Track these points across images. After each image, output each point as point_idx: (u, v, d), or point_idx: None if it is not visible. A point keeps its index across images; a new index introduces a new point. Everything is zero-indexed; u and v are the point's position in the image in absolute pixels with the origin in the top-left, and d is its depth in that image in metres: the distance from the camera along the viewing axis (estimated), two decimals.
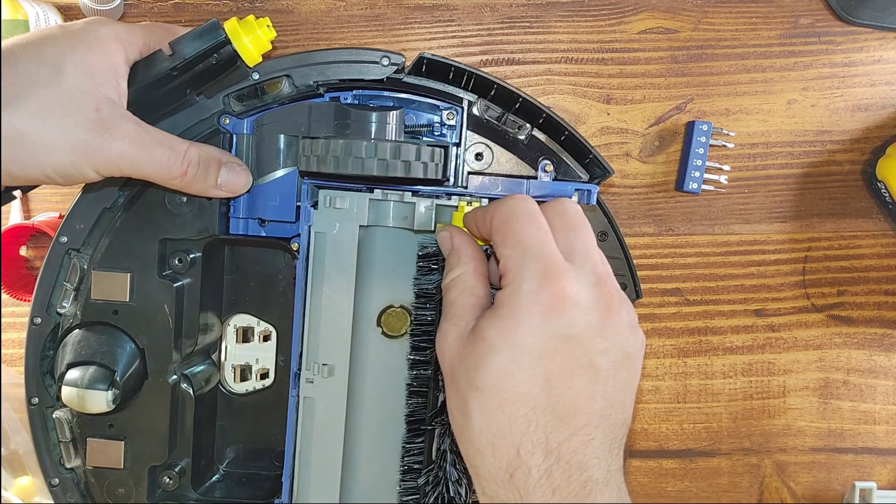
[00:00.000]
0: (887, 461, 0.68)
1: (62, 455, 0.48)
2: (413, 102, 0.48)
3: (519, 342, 0.37)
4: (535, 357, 0.37)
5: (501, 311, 0.38)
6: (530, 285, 0.37)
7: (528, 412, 0.36)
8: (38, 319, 0.48)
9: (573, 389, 0.37)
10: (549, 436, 0.36)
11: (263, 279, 0.53)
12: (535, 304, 0.37)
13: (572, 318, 0.37)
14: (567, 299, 0.37)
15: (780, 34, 0.65)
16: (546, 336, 0.37)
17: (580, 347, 0.37)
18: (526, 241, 0.38)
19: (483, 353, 0.37)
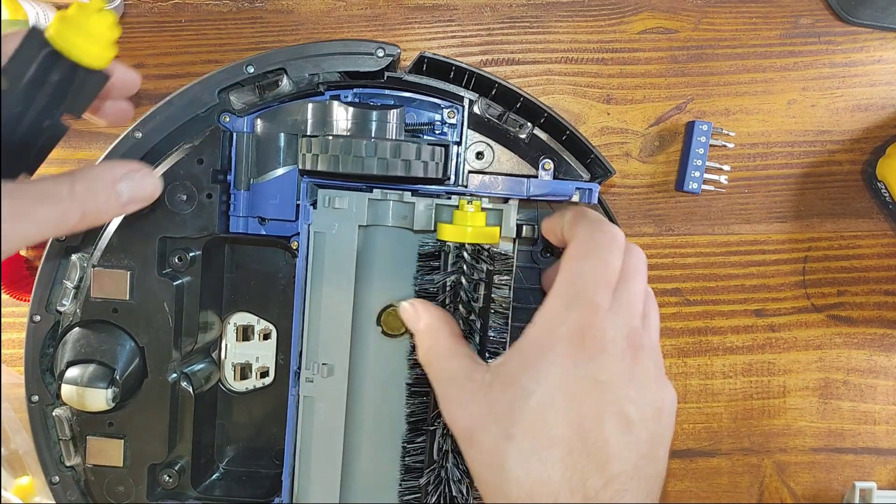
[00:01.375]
0: (887, 461, 0.68)
1: (62, 453, 0.48)
2: (414, 101, 0.48)
3: (551, 384, 0.36)
4: (567, 399, 0.36)
5: (531, 354, 0.37)
6: (566, 331, 0.37)
7: (564, 456, 0.35)
8: (38, 317, 0.48)
9: (605, 434, 0.36)
10: (586, 482, 0.35)
11: (263, 277, 0.53)
12: (567, 347, 0.37)
13: (602, 364, 0.37)
14: (597, 346, 0.37)
15: (780, 34, 0.65)
16: (576, 378, 0.36)
17: (610, 393, 0.37)
18: (582, 282, 0.38)
19: (516, 397, 0.37)
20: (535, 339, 0.38)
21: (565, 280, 0.38)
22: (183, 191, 0.46)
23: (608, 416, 0.36)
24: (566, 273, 0.39)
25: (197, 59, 0.63)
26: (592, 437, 0.36)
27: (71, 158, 0.63)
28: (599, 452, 0.36)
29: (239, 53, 0.63)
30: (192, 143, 0.47)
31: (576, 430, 0.36)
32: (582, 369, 0.36)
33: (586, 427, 0.36)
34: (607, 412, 0.36)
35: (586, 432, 0.36)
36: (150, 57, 0.62)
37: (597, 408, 0.36)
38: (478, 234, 0.46)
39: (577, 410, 0.36)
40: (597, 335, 0.37)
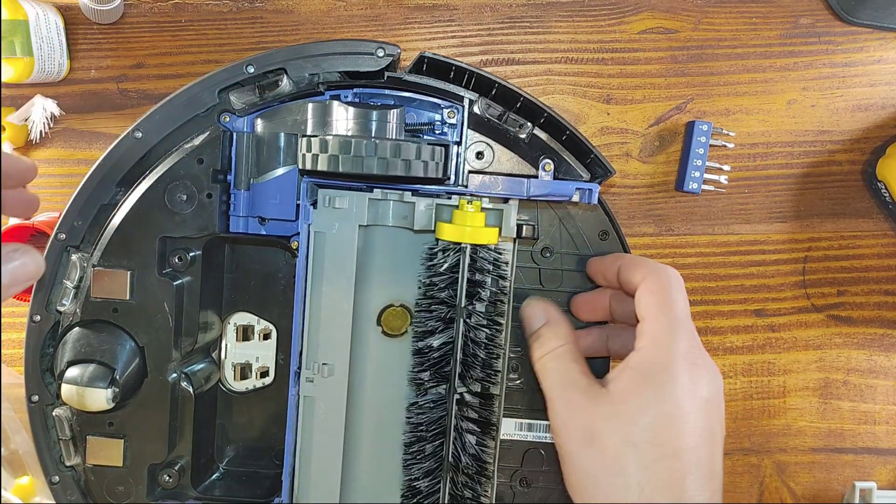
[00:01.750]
0: (887, 461, 0.68)
1: (62, 453, 0.48)
2: (414, 101, 0.48)
3: (673, 398, 0.40)
4: (685, 414, 0.40)
5: (652, 371, 0.41)
6: (682, 348, 0.41)
7: (682, 467, 0.39)
8: (38, 317, 0.48)
9: (710, 449, 0.40)
10: (698, 494, 0.39)
11: (263, 277, 0.53)
12: (684, 365, 0.41)
13: (707, 384, 0.41)
14: (703, 368, 0.41)
15: (780, 34, 0.65)
16: (692, 396, 0.40)
17: (713, 411, 0.41)
18: (679, 311, 0.43)
19: (639, 408, 0.40)
20: (651, 358, 0.41)
21: (660, 306, 0.43)
22: (183, 191, 0.46)
23: (710, 433, 0.40)
24: (660, 301, 0.43)
25: (197, 59, 0.63)
26: (703, 452, 0.40)
27: (71, 158, 0.63)
28: (707, 466, 0.40)
29: (239, 53, 0.63)
30: (192, 142, 0.47)
31: (692, 444, 0.39)
32: (697, 386, 0.40)
33: (698, 442, 0.40)
34: (710, 430, 0.40)
35: (698, 446, 0.39)
36: (150, 57, 0.62)
37: (705, 424, 0.40)
38: (477, 233, 0.46)
39: (693, 425, 0.40)
40: (701, 359, 0.41)
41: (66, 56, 0.61)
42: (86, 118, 0.63)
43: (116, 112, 0.63)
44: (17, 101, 0.61)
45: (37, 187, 0.63)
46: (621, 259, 0.47)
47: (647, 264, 0.45)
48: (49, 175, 0.63)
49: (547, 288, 0.51)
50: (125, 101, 0.63)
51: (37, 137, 0.61)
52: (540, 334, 0.46)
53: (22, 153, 0.63)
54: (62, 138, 0.63)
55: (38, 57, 0.58)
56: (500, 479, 0.50)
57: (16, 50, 0.56)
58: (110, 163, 0.47)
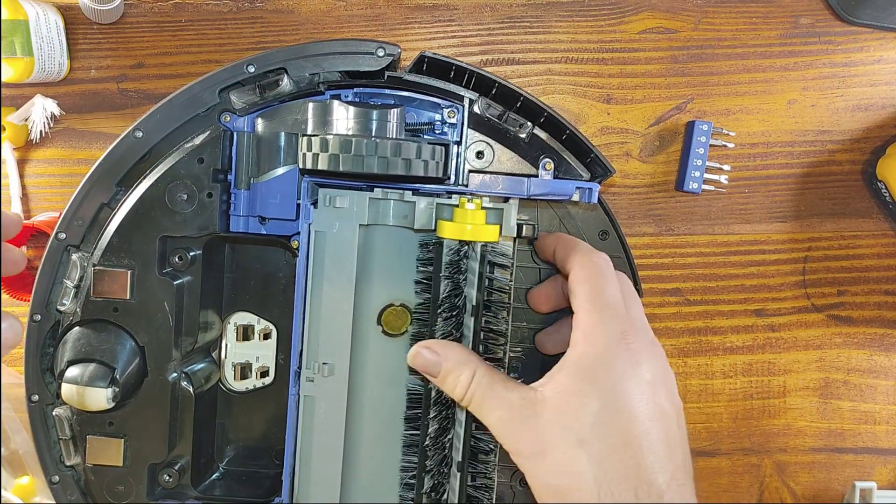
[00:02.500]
0: (887, 461, 0.68)
1: (62, 453, 0.48)
2: (414, 100, 0.48)
3: (610, 389, 0.39)
4: (627, 401, 0.39)
5: (585, 365, 0.40)
6: (614, 337, 0.40)
7: (635, 454, 0.38)
8: (38, 316, 0.48)
9: (662, 431, 0.39)
10: (656, 478, 0.38)
11: (264, 277, 0.53)
12: (619, 352, 0.40)
13: (647, 366, 0.40)
14: (639, 350, 0.40)
15: (780, 34, 0.65)
16: (631, 381, 0.39)
17: (658, 391, 0.40)
18: (608, 297, 0.42)
19: (580, 406, 0.39)
20: (585, 352, 0.40)
21: (588, 297, 0.42)
22: (183, 190, 0.46)
23: (660, 413, 0.40)
24: (588, 291, 0.42)
25: (197, 59, 0.63)
26: (654, 434, 0.39)
27: (71, 158, 0.63)
28: (661, 447, 0.39)
29: (239, 53, 0.63)
30: (192, 142, 0.47)
31: (641, 429, 0.38)
32: (635, 372, 0.40)
33: (647, 425, 0.39)
34: (659, 409, 0.40)
35: (648, 430, 0.39)
36: (150, 57, 0.62)
37: (652, 406, 0.39)
38: (477, 231, 0.45)
39: (638, 409, 0.39)
40: (636, 341, 0.41)
41: (66, 56, 0.61)
42: (86, 118, 0.63)
43: (116, 112, 0.63)
44: (17, 101, 0.61)
45: (37, 187, 0.63)
46: (557, 240, 0.46)
47: (577, 250, 0.44)
48: (49, 175, 0.63)
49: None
50: (125, 101, 0.63)
51: (37, 137, 0.61)
52: (445, 376, 0.43)
53: (22, 153, 0.63)
54: (62, 138, 0.63)
55: (39, 57, 0.58)
56: (501, 479, 0.50)
57: (16, 50, 0.56)
58: (110, 162, 0.47)
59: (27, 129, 0.61)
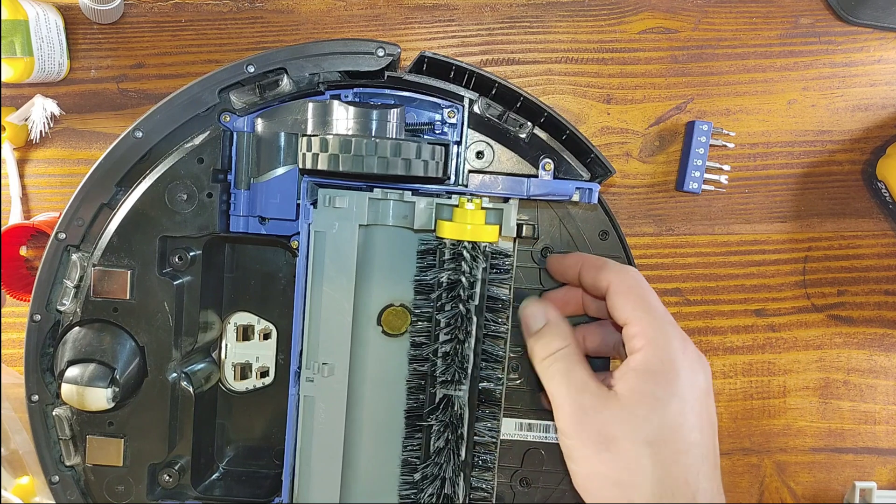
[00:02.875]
0: (887, 461, 0.68)
1: (62, 453, 0.48)
2: (414, 100, 0.48)
3: (680, 394, 0.41)
4: (693, 407, 0.41)
5: (655, 368, 0.42)
6: (678, 345, 0.42)
7: (696, 461, 0.40)
8: (38, 316, 0.48)
9: (714, 440, 0.42)
10: (709, 485, 0.41)
11: (264, 277, 0.53)
12: (684, 361, 0.42)
13: (704, 375, 0.43)
14: (702, 364, 0.43)
15: (780, 34, 0.65)
16: (696, 388, 0.42)
17: (711, 401, 0.43)
18: (660, 309, 0.44)
19: (654, 409, 0.41)
20: (655, 359, 0.42)
21: (641, 306, 0.43)
22: (183, 190, 0.46)
23: (711, 422, 0.42)
24: (638, 300, 0.44)
25: (197, 59, 0.63)
26: (709, 441, 0.42)
27: (71, 158, 0.63)
28: (712, 456, 0.41)
29: (239, 53, 0.63)
30: (192, 142, 0.47)
31: (699, 437, 0.41)
32: (697, 380, 0.42)
33: (705, 433, 0.41)
34: (711, 418, 0.42)
35: (705, 438, 0.41)
36: (150, 57, 0.62)
37: (707, 415, 0.42)
38: (477, 231, 0.45)
39: (698, 418, 0.41)
40: (693, 352, 0.43)
41: (66, 56, 0.61)
42: (86, 118, 0.63)
43: (116, 112, 0.63)
44: (17, 101, 0.61)
45: (37, 187, 0.63)
46: (582, 261, 0.48)
47: (608, 267, 0.46)
48: (49, 175, 0.63)
49: (547, 288, 0.51)
50: (125, 101, 0.63)
51: (37, 137, 0.61)
52: (542, 335, 0.46)
53: (22, 153, 0.63)
54: (62, 138, 0.63)
55: (38, 57, 0.58)
56: (500, 479, 0.50)
57: (16, 50, 0.56)
58: (110, 162, 0.47)
59: (27, 129, 0.61)
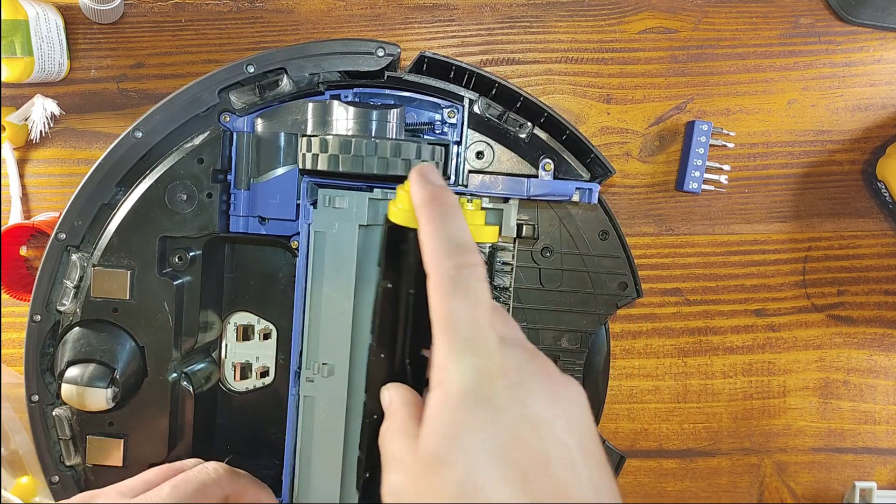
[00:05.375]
0: (887, 461, 0.68)
1: (62, 453, 0.48)
2: (414, 101, 0.48)
3: (468, 445, 0.31)
4: (491, 454, 0.31)
5: (434, 417, 0.32)
6: (465, 381, 0.32)
7: None
8: (38, 317, 0.48)
9: (553, 479, 0.31)
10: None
11: (264, 277, 0.53)
12: (473, 397, 0.32)
13: (524, 399, 0.32)
14: (510, 386, 0.32)
15: (780, 34, 0.65)
16: (499, 427, 0.31)
17: (542, 429, 0.32)
18: (456, 322, 0.33)
19: (443, 475, 0.31)
20: (439, 400, 0.32)
21: (437, 328, 0.33)
22: (183, 190, 0.46)
23: (551, 454, 0.31)
24: (434, 320, 0.34)
25: (197, 59, 0.63)
26: (538, 486, 0.31)
27: (71, 158, 0.63)
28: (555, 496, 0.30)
29: (239, 53, 0.63)
30: (192, 142, 0.47)
31: (515, 486, 0.30)
32: (502, 414, 0.31)
33: (529, 477, 0.31)
34: (548, 451, 0.31)
35: (529, 483, 0.30)
36: (150, 57, 0.62)
37: (533, 449, 0.31)
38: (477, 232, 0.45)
39: (512, 461, 0.31)
40: (499, 371, 0.32)
41: (66, 56, 0.61)
42: (86, 118, 0.63)
43: (116, 112, 0.63)
44: (17, 101, 0.61)
45: (37, 187, 0.63)
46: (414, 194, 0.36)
47: (431, 236, 0.35)
48: (49, 175, 0.63)
49: (547, 288, 0.51)
50: (125, 101, 0.63)
51: (37, 137, 0.61)
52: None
53: (22, 153, 0.63)
54: (62, 138, 0.63)
55: (39, 57, 0.58)
56: None
57: (16, 50, 0.56)
58: (110, 163, 0.47)
59: (27, 129, 0.61)
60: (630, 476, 0.67)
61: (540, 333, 0.52)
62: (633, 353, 0.66)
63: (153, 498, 0.39)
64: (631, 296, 0.52)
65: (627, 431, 0.66)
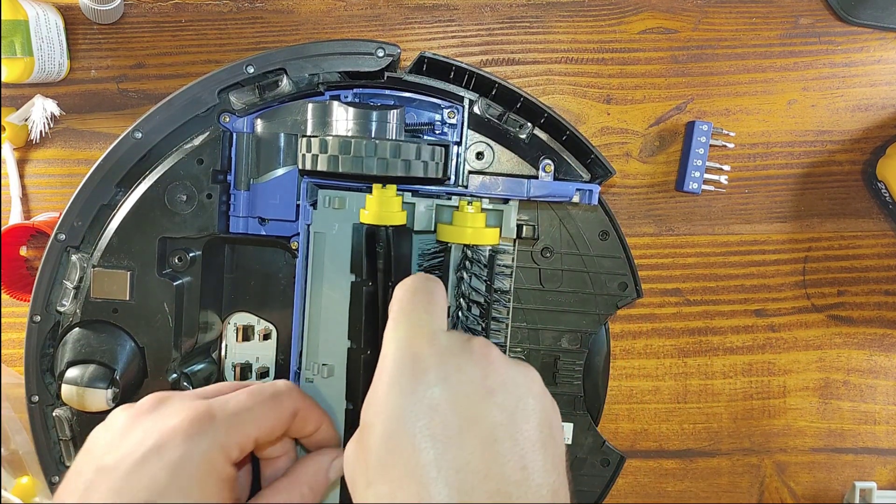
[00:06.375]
0: (887, 461, 0.68)
1: (62, 453, 0.48)
2: (414, 101, 0.48)
3: (389, 413, 0.33)
4: (411, 425, 0.33)
5: (372, 387, 0.35)
6: (392, 350, 0.35)
7: (420, 492, 0.31)
8: (38, 317, 0.48)
9: (466, 452, 0.32)
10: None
11: (264, 278, 0.53)
12: (397, 370, 0.35)
13: (442, 374, 0.34)
14: (428, 357, 0.35)
15: (780, 34, 0.65)
16: (416, 399, 0.33)
17: (464, 402, 0.33)
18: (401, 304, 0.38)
19: (366, 441, 0.34)
20: (375, 375, 0.36)
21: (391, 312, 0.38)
22: (183, 191, 0.46)
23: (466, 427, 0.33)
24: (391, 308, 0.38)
25: (197, 59, 0.63)
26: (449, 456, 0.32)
27: (71, 158, 0.63)
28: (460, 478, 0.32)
29: (239, 53, 0.63)
30: (192, 143, 0.47)
31: (429, 452, 0.32)
32: (420, 385, 0.34)
33: (443, 446, 0.32)
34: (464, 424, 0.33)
35: (444, 452, 0.32)
36: (150, 57, 0.62)
37: (450, 421, 0.33)
38: (477, 234, 0.46)
39: (428, 430, 0.33)
40: (421, 345, 0.35)
41: (66, 56, 0.61)
42: (86, 118, 0.63)
43: (116, 112, 0.63)
44: (17, 101, 0.61)
45: (37, 187, 0.63)
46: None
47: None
48: (49, 175, 0.63)
49: (547, 288, 0.51)
50: (125, 101, 0.63)
51: (37, 137, 0.61)
52: None
53: (22, 153, 0.63)
54: (62, 138, 0.63)
55: (38, 57, 0.58)
56: None
57: (16, 50, 0.56)
58: (110, 163, 0.47)
59: (27, 129, 0.61)
60: (630, 476, 0.67)
61: (540, 334, 0.52)
62: (633, 353, 0.66)
63: (231, 399, 0.39)
64: (631, 296, 0.52)
65: (627, 432, 0.66)
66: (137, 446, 0.36)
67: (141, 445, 0.36)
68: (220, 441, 0.37)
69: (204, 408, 0.37)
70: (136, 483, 0.34)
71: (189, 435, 0.36)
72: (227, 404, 0.38)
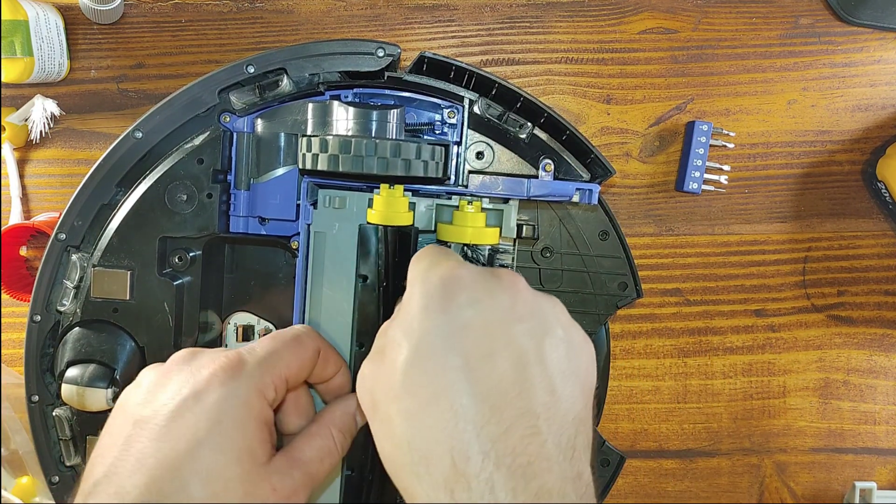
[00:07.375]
0: (887, 461, 0.68)
1: (62, 453, 0.48)
2: (414, 101, 0.48)
3: (421, 332, 0.34)
4: (443, 343, 0.34)
5: (397, 313, 0.37)
6: (421, 277, 0.37)
7: (451, 406, 0.32)
8: (38, 317, 0.48)
9: (497, 372, 0.33)
10: (480, 431, 0.32)
11: (264, 277, 0.53)
12: (427, 292, 0.36)
13: (473, 297, 0.35)
14: (460, 280, 0.36)
15: (780, 34, 0.65)
16: (449, 319, 0.34)
17: (495, 325, 0.34)
18: (425, 256, 0.39)
19: (392, 359, 0.35)
20: (403, 302, 0.37)
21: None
22: (183, 191, 0.46)
23: (498, 350, 0.34)
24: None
25: (197, 59, 0.63)
26: (479, 375, 0.33)
27: (71, 158, 0.63)
28: (491, 394, 0.32)
29: (239, 53, 0.63)
30: (192, 142, 0.47)
31: (458, 374, 0.33)
32: (454, 307, 0.35)
33: (472, 366, 0.33)
34: (496, 347, 0.34)
35: (472, 371, 0.33)
36: (150, 57, 0.62)
37: (481, 344, 0.34)
38: (478, 234, 0.46)
39: (459, 351, 0.34)
40: (454, 270, 0.37)
41: (66, 56, 0.61)
42: (86, 118, 0.63)
43: (116, 112, 0.63)
44: (17, 101, 0.61)
45: (37, 187, 0.63)
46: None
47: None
48: (49, 175, 0.63)
49: (547, 288, 0.51)
50: (125, 101, 0.63)
51: (37, 137, 0.61)
52: None
53: (22, 153, 0.63)
54: (62, 138, 0.63)
55: (38, 57, 0.58)
56: None
57: (16, 50, 0.56)
58: (110, 163, 0.47)
59: (27, 130, 0.61)
60: (630, 476, 0.67)
61: None
62: (633, 353, 0.66)
63: (257, 345, 0.40)
64: (631, 296, 0.52)
65: (627, 432, 0.66)
66: (174, 396, 0.36)
67: (177, 395, 0.36)
68: (255, 383, 0.37)
69: (234, 355, 0.38)
70: (176, 431, 0.35)
71: (224, 380, 0.37)
72: (254, 350, 0.40)
